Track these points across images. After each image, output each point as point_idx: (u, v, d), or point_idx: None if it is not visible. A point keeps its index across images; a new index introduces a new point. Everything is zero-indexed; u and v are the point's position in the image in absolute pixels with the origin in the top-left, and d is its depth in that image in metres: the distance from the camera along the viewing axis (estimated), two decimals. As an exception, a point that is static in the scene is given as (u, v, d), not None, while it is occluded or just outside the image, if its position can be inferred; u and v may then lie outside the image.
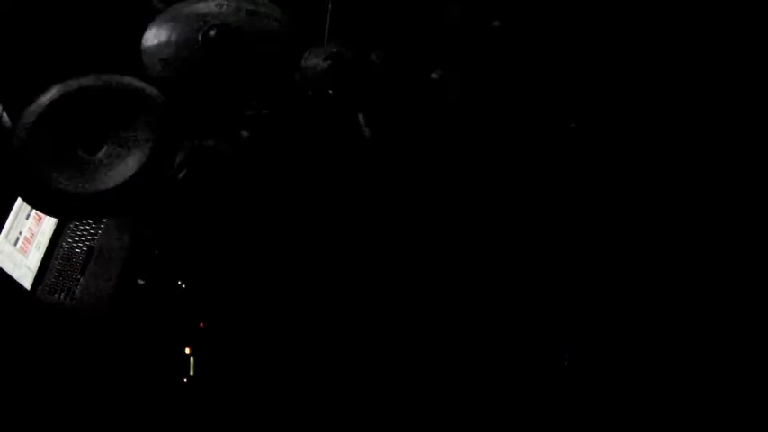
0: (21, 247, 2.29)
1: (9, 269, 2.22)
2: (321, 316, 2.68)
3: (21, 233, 2.30)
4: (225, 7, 2.07)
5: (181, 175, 2.29)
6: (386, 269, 2.77)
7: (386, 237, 2.83)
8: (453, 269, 2.76)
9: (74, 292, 2.33)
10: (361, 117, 2.89)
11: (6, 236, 2.24)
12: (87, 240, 2.43)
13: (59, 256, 2.39)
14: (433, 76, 2.50)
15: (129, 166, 1.98)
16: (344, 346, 2.65)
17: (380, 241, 2.81)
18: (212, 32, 2.17)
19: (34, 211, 2.30)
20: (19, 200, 2.26)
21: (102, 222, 2.47)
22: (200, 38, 2.14)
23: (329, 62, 2.65)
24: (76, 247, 2.42)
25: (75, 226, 2.45)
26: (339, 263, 2.77)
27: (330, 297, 2.71)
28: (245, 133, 2.71)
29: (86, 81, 2.11)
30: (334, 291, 2.72)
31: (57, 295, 2.32)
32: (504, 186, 2.81)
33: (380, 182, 2.81)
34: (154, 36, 2.04)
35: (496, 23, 2.66)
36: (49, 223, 2.40)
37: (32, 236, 2.34)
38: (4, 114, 2.54)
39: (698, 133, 2.84)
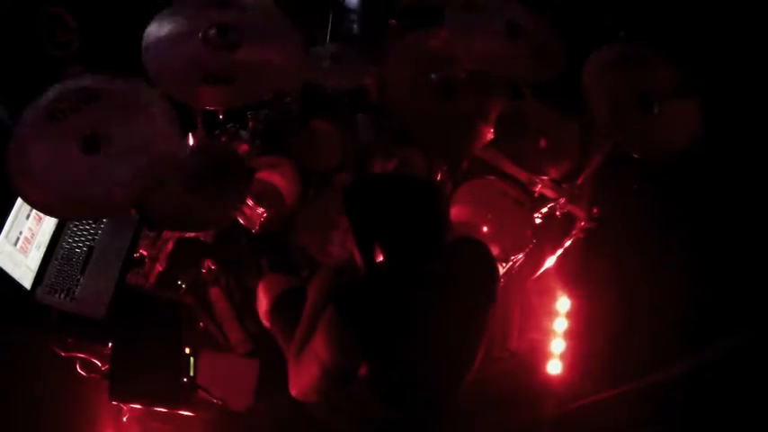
0: (21, 247, 2.28)
1: (9, 269, 2.22)
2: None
3: (21, 233, 2.29)
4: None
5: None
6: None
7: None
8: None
9: (74, 292, 2.32)
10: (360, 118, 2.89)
11: (6, 236, 2.23)
12: (87, 240, 2.43)
13: (59, 256, 2.39)
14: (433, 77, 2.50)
15: (131, 166, 1.98)
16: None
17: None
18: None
19: (34, 211, 2.30)
20: (19, 200, 2.25)
21: (102, 222, 2.46)
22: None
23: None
24: (76, 247, 2.41)
25: (75, 226, 2.44)
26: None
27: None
28: (244, 133, 2.71)
29: (86, 81, 2.12)
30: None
31: (57, 295, 2.31)
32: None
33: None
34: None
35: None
36: (49, 223, 2.40)
37: (32, 236, 2.33)
38: (4, 113, 2.55)
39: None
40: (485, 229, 2.55)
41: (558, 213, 2.61)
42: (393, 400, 1.67)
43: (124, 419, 2.40)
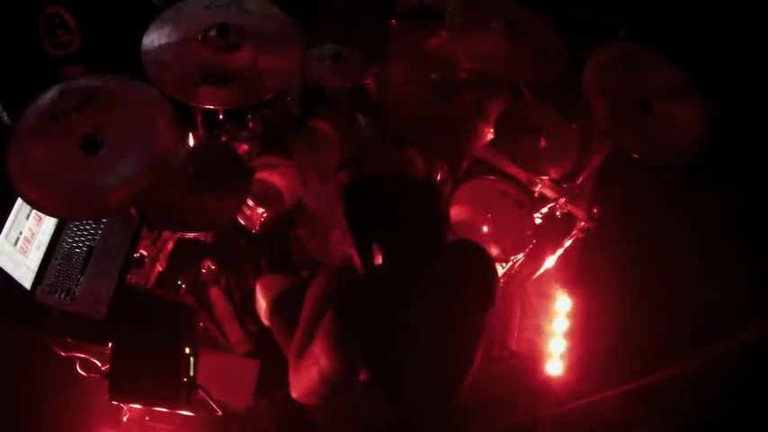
0: (21, 247, 2.28)
1: (9, 269, 2.22)
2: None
3: (21, 233, 2.29)
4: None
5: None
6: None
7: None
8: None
9: (74, 292, 2.32)
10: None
11: (6, 236, 2.23)
12: (87, 240, 2.42)
13: (59, 256, 2.39)
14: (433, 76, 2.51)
15: (130, 166, 1.98)
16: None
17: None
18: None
19: (34, 211, 2.30)
20: (19, 200, 2.25)
21: (102, 222, 2.46)
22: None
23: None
24: (76, 247, 2.41)
25: (76, 226, 2.44)
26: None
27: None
28: (245, 133, 2.71)
29: (86, 81, 2.12)
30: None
31: (57, 295, 2.31)
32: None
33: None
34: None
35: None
36: (49, 223, 2.40)
37: (32, 236, 2.33)
38: (4, 114, 2.55)
39: None
40: (485, 229, 2.55)
41: (558, 213, 2.61)
42: (392, 402, 1.67)
43: (124, 419, 2.40)
